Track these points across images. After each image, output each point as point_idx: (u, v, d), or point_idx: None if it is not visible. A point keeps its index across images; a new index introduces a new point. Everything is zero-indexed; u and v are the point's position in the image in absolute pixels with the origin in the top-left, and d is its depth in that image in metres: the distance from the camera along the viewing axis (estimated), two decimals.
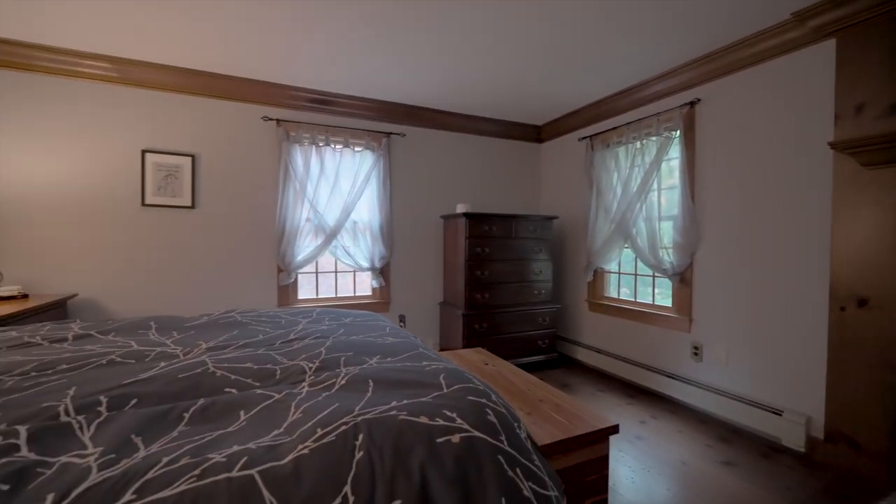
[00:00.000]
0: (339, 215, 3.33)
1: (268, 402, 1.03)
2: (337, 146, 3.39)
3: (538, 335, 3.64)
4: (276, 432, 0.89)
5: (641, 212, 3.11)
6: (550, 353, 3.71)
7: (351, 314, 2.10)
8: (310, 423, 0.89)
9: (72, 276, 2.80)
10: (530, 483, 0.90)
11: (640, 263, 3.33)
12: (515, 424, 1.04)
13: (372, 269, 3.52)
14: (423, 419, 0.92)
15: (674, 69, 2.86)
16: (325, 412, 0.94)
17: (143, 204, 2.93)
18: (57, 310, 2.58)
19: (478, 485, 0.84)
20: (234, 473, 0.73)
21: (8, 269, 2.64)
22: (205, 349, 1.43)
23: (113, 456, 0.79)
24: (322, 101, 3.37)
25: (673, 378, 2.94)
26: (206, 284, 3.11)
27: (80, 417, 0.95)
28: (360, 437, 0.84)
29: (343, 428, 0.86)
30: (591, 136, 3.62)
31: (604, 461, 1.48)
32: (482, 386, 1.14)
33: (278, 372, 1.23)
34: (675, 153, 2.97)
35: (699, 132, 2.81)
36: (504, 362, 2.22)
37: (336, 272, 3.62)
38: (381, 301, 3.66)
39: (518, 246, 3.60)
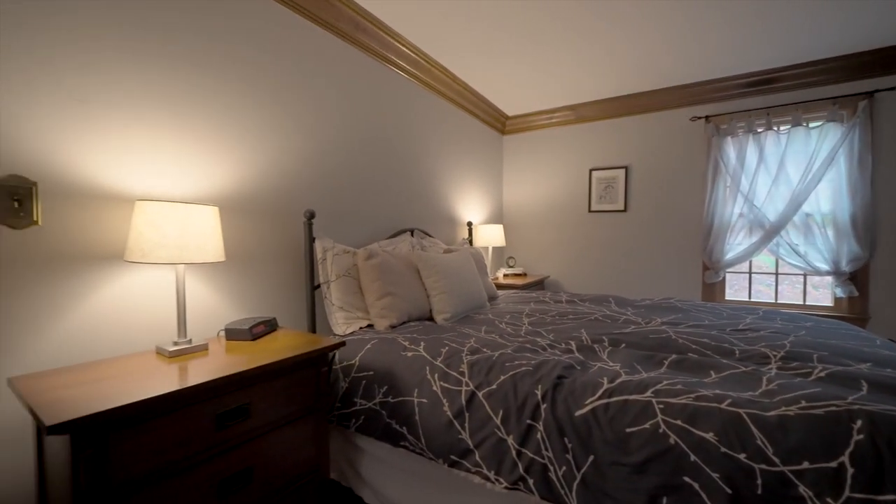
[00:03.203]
0: (785, 208, 2.86)
1: (734, 371, 1.19)
2: (783, 127, 2.93)
3: None
4: (750, 393, 1.04)
5: None
6: None
7: (811, 319, 1.85)
8: (791, 395, 0.97)
9: (545, 263, 4.07)
10: None
11: None
12: None
13: (836, 273, 2.77)
14: None
15: None
16: (808, 391, 0.98)
17: (589, 210, 3.80)
18: (540, 284, 3.85)
19: None
20: (723, 406, 0.96)
21: (517, 257, 4.22)
22: (660, 322, 1.79)
23: (627, 370, 1.23)
24: (759, 83, 3.02)
25: None
26: (635, 274, 3.60)
27: (595, 345, 1.50)
28: (859, 422, 0.84)
29: (833, 408, 0.89)
30: None
31: None
32: None
33: (737, 351, 1.36)
34: None
35: None
36: None
37: (777, 274, 3.13)
38: (851, 315, 2.80)
39: None
